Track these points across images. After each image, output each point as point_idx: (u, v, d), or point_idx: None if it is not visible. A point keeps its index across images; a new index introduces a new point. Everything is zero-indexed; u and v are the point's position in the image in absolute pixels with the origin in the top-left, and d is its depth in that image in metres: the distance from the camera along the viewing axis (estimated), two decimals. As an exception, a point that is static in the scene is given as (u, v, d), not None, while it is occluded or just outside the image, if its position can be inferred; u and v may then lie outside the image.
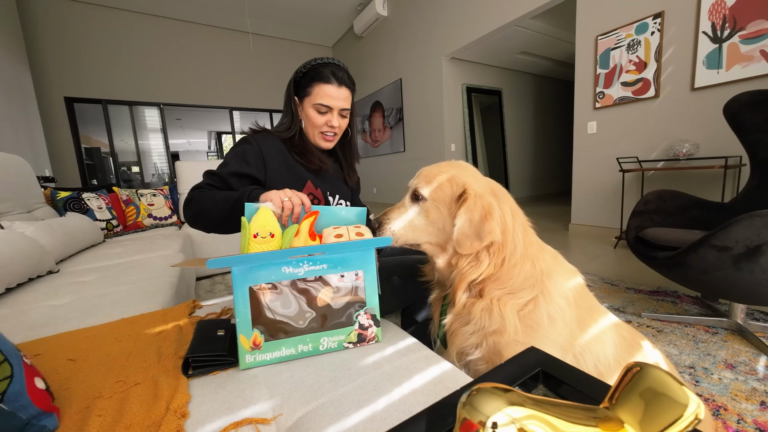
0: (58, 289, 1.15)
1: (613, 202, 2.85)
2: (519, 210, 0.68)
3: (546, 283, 0.63)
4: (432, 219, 0.68)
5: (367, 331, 0.66)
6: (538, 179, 6.26)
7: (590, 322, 0.65)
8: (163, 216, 2.80)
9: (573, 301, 0.64)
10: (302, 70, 0.95)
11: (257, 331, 0.61)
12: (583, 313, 0.65)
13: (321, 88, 0.92)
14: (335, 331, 0.64)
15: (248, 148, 0.92)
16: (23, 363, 0.47)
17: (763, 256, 1.02)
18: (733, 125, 1.46)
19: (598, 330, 0.65)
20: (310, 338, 0.63)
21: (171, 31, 5.43)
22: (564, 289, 0.64)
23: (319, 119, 0.94)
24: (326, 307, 0.65)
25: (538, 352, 0.40)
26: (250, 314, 0.60)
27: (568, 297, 0.64)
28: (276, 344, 0.62)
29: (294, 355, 0.63)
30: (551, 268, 0.65)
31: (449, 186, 0.67)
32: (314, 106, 0.93)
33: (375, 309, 0.66)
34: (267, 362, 0.62)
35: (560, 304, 0.62)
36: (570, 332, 0.62)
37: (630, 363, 0.25)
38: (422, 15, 4.59)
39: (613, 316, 0.71)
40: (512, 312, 0.62)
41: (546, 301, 0.62)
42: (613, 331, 0.67)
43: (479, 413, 0.22)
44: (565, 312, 0.62)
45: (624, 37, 2.62)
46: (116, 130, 5.30)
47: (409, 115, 5.22)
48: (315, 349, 0.64)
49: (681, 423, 0.21)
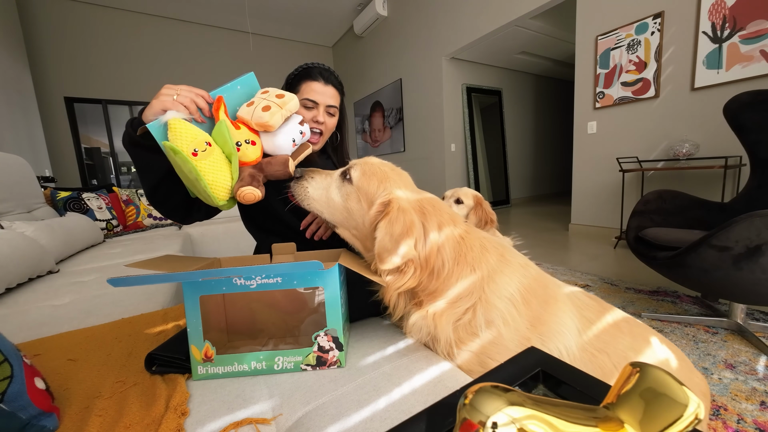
0: (58, 289, 1.15)
1: (613, 202, 2.85)
2: (452, 220, 0.66)
3: (485, 288, 0.61)
4: (350, 207, 0.66)
5: (328, 355, 0.59)
6: (538, 179, 6.26)
7: (547, 316, 0.62)
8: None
9: (521, 300, 0.61)
10: (293, 74, 0.98)
11: (208, 344, 0.57)
12: (537, 310, 0.62)
13: (308, 84, 0.94)
14: (291, 351, 0.59)
15: None
16: (23, 363, 0.47)
17: (763, 256, 1.02)
18: (733, 125, 1.46)
19: (556, 323, 0.62)
20: (264, 356, 0.58)
21: (171, 31, 5.43)
22: (506, 290, 0.61)
23: (306, 114, 0.95)
24: (286, 316, 0.64)
25: (538, 352, 0.40)
26: (201, 325, 0.57)
27: (512, 297, 0.61)
28: (228, 358, 0.58)
29: (247, 371, 0.59)
30: (494, 270, 0.63)
31: (378, 186, 0.65)
32: (302, 101, 0.93)
33: (337, 332, 0.58)
34: (219, 376, 0.58)
35: (500, 307, 0.60)
36: (519, 333, 0.60)
37: (630, 363, 0.25)
38: (422, 15, 4.59)
39: (579, 297, 0.67)
40: (447, 323, 0.61)
41: (484, 307, 0.60)
42: (575, 318, 0.63)
43: (479, 413, 0.22)
44: (509, 314, 0.60)
45: (624, 37, 2.62)
46: (116, 130, 5.29)
47: (409, 115, 5.22)
48: (269, 368, 0.59)
49: (681, 423, 0.21)
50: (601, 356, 0.61)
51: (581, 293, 0.69)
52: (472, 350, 0.61)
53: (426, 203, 0.65)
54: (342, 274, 0.65)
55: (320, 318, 0.60)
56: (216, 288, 0.57)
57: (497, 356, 0.59)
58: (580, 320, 0.63)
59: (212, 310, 0.65)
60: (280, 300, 0.71)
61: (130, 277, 0.50)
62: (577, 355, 0.61)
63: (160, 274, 0.51)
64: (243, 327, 0.70)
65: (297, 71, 0.98)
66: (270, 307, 0.71)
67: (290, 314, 0.71)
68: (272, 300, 0.71)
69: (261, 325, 0.71)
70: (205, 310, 0.59)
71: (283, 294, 0.70)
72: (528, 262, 0.69)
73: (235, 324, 0.70)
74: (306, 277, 0.58)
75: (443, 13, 4.27)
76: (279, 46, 6.44)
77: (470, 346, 0.61)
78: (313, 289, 0.68)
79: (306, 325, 0.69)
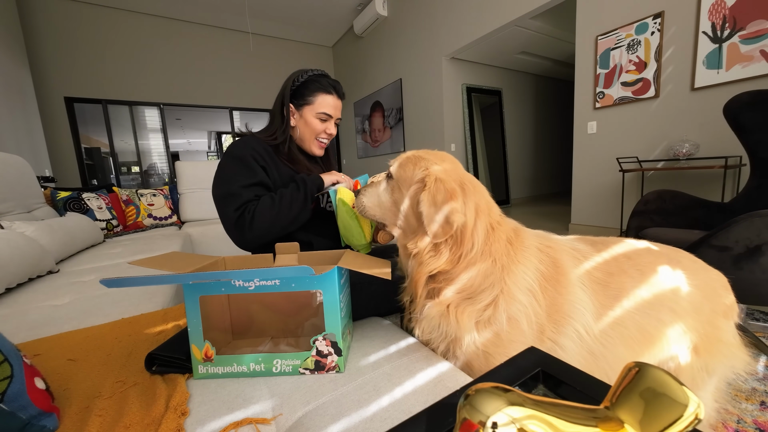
0: (58, 289, 1.15)
1: (613, 202, 2.85)
2: (489, 208, 0.64)
3: (506, 279, 0.59)
4: (395, 199, 0.68)
5: (326, 359, 0.59)
6: (538, 179, 6.26)
7: (561, 300, 0.59)
8: (163, 216, 2.80)
9: (539, 289, 0.59)
10: (299, 79, 0.99)
11: (208, 343, 0.58)
12: (552, 295, 0.59)
13: (324, 98, 1.00)
14: (290, 354, 0.59)
15: (245, 154, 0.93)
16: (23, 363, 0.47)
17: (763, 256, 1.02)
18: (733, 125, 1.46)
19: (570, 303, 0.60)
20: (263, 358, 0.59)
21: (171, 31, 5.43)
22: (526, 280, 0.59)
23: (320, 126, 1.02)
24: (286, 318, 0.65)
25: (538, 352, 0.40)
26: (201, 325, 0.58)
27: (532, 287, 0.59)
28: (227, 359, 0.59)
29: (246, 373, 0.59)
30: (512, 258, 0.61)
31: (414, 168, 0.65)
32: (317, 114, 1.00)
33: (336, 336, 0.58)
34: (219, 376, 0.59)
35: (522, 300, 0.58)
36: (538, 329, 0.58)
37: (629, 363, 0.25)
38: (422, 15, 4.59)
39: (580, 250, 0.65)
40: (470, 320, 0.58)
41: (506, 301, 0.58)
42: (586, 288, 0.61)
43: (479, 413, 0.22)
44: (530, 307, 0.58)
45: (624, 37, 2.62)
46: (116, 130, 5.29)
47: (409, 115, 5.22)
48: (268, 371, 0.59)
49: (681, 423, 0.21)
50: (615, 312, 0.60)
51: (578, 242, 0.69)
52: (490, 352, 0.58)
53: (467, 181, 0.64)
54: (342, 277, 0.64)
55: (320, 321, 0.59)
56: (215, 289, 0.57)
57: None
58: (590, 285, 0.61)
59: (215, 310, 0.65)
60: (282, 301, 0.71)
61: (123, 279, 0.49)
62: (595, 331, 0.59)
63: (153, 276, 0.51)
64: (247, 327, 0.71)
65: (305, 77, 0.99)
66: (272, 307, 0.71)
67: (291, 316, 0.71)
68: (274, 301, 0.71)
69: (263, 325, 0.71)
70: (206, 309, 0.60)
71: (285, 295, 0.70)
72: (538, 240, 0.66)
73: (239, 324, 0.70)
74: (304, 280, 0.58)
75: (443, 13, 4.27)
76: (279, 46, 6.43)
77: (489, 348, 0.58)
78: (314, 291, 0.68)
79: (306, 327, 0.69)
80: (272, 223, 0.87)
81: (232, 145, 0.97)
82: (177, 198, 2.95)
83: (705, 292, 0.65)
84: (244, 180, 0.91)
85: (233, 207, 0.88)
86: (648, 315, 0.61)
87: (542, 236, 0.70)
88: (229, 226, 0.90)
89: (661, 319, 0.61)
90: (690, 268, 0.66)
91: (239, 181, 0.90)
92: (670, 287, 0.63)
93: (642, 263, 0.65)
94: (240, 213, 0.87)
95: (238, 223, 0.87)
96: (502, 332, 0.58)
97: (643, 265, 0.64)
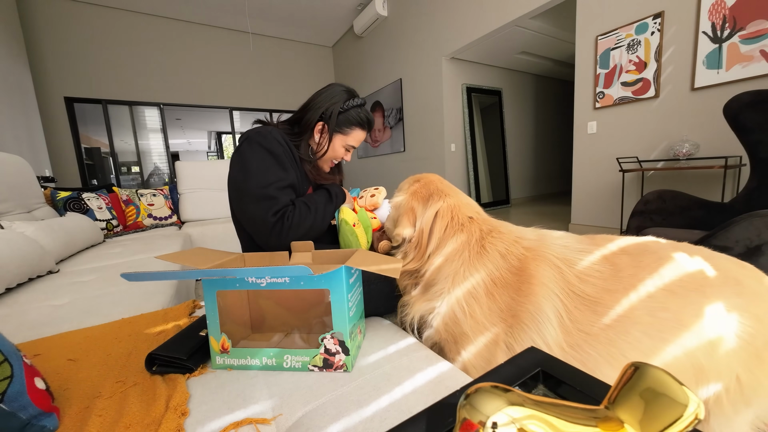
0: (58, 289, 1.15)
1: (613, 202, 2.85)
2: (457, 209, 0.75)
3: (453, 278, 0.68)
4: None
5: (334, 358, 0.59)
6: (538, 179, 6.26)
7: (521, 313, 0.59)
8: (163, 216, 2.80)
9: (483, 293, 0.64)
10: (344, 107, 0.96)
11: (225, 336, 0.61)
12: (509, 303, 0.60)
13: (359, 133, 1.02)
14: (300, 351, 0.60)
15: (279, 151, 0.90)
16: (23, 363, 0.47)
17: (763, 256, 1.02)
18: (733, 125, 1.46)
19: (529, 312, 0.59)
20: (275, 353, 0.61)
21: (171, 31, 5.43)
22: (471, 281, 0.66)
23: (341, 154, 1.05)
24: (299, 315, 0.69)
25: (539, 352, 0.40)
26: (218, 318, 0.60)
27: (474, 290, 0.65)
28: (242, 352, 0.61)
29: (258, 366, 0.61)
30: (465, 261, 0.69)
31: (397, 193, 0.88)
32: (346, 145, 1.02)
33: (343, 335, 0.59)
34: (235, 367, 0.62)
35: (461, 298, 0.66)
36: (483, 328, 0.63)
37: (629, 363, 0.25)
38: (422, 15, 4.59)
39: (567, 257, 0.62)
40: (418, 310, 0.72)
41: (448, 296, 0.68)
42: (557, 301, 0.59)
43: (479, 413, 0.22)
44: (467, 307, 0.65)
45: (624, 37, 2.62)
46: (116, 130, 5.29)
47: (409, 115, 5.21)
48: (279, 365, 0.61)
49: (681, 423, 0.21)
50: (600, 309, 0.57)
51: (570, 241, 0.69)
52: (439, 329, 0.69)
53: (433, 191, 0.80)
54: (352, 276, 0.64)
55: (330, 319, 0.60)
56: (231, 284, 0.60)
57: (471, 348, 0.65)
58: (565, 298, 0.58)
59: (234, 304, 0.68)
60: (295, 298, 0.73)
61: (143, 273, 0.53)
62: (563, 342, 0.57)
63: (170, 272, 0.55)
64: (263, 322, 0.74)
65: (349, 107, 0.97)
66: (285, 304, 0.74)
67: (303, 312, 0.73)
68: (287, 298, 0.73)
69: (277, 320, 0.74)
70: (225, 303, 0.63)
71: (296, 292, 0.72)
72: (520, 243, 0.67)
73: (257, 318, 0.74)
74: (312, 278, 0.59)
75: (443, 13, 4.27)
76: (279, 46, 6.43)
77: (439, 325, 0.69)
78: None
79: (318, 325, 0.70)
80: (306, 232, 0.87)
81: (259, 135, 0.90)
82: (177, 198, 2.95)
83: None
84: (280, 181, 0.87)
85: (271, 211, 0.84)
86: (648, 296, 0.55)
87: (529, 239, 0.69)
88: (261, 229, 0.85)
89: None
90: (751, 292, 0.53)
91: (274, 181, 0.86)
92: (671, 273, 0.56)
93: (645, 262, 0.57)
94: (278, 218, 0.84)
95: (275, 227, 0.84)
96: (459, 323, 0.67)
97: (645, 265, 0.57)
